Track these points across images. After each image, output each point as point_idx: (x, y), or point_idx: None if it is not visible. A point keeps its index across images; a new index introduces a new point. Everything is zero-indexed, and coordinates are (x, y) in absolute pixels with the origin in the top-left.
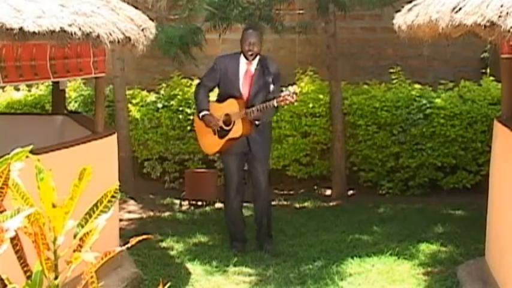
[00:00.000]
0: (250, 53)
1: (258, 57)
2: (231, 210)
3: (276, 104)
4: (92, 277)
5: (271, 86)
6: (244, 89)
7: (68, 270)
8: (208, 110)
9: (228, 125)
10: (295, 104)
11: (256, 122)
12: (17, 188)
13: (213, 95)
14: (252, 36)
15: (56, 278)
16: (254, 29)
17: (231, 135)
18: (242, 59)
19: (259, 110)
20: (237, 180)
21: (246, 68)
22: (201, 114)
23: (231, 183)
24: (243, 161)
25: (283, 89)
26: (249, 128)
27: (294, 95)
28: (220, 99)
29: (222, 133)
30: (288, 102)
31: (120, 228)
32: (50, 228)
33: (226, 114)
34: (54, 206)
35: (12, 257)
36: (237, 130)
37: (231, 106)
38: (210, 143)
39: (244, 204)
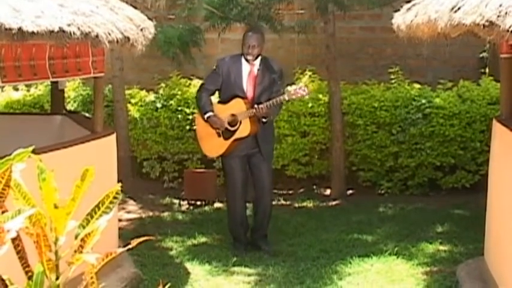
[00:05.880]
0: (249, 56)
1: (259, 58)
2: (235, 213)
3: (287, 98)
4: (92, 278)
5: (276, 85)
6: (248, 89)
7: (69, 271)
8: (213, 112)
9: (233, 126)
10: (307, 96)
11: (264, 120)
12: (19, 188)
13: (214, 98)
14: (252, 39)
15: (57, 278)
16: (254, 31)
17: (237, 135)
18: (244, 60)
19: (268, 107)
20: (242, 183)
21: (249, 69)
22: (206, 116)
23: (235, 186)
24: (246, 163)
25: (289, 87)
26: (256, 126)
27: (305, 88)
28: (224, 101)
29: (227, 134)
30: (299, 95)
31: (120, 228)
32: (52, 229)
33: (232, 115)
34: (56, 206)
35: (12, 258)
36: (244, 129)
37: (237, 106)
38: (215, 146)
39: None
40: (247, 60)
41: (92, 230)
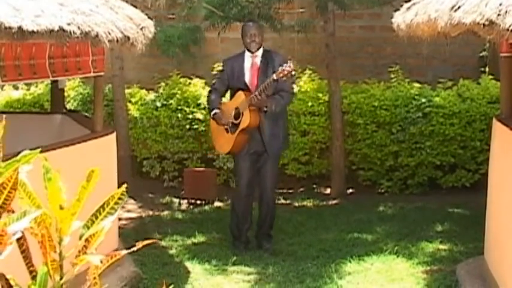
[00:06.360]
0: (252, 44)
1: (261, 50)
2: (237, 211)
3: (275, 78)
4: (94, 278)
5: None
6: (251, 82)
7: (73, 272)
8: (218, 109)
9: (237, 119)
10: (294, 72)
11: (265, 109)
12: (24, 187)
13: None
14: (252, 28)
15: (60, 278)
16: (253, 22)
17: (240, 127)
18: (247, 54)
19: (261, 91)
20: (247, 182)
21: (252, 61)
22: (212, 114)
23: (240, 185)
24: (255, 162)
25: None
26: (257, 117)
27: (291, 64)
28: (231, 98)
29: (233, 128)
30: (286, 72)
31: (119, 227)
32: (56, 229)
33: (236, 108)
34: (61, 207)
35: (16, 257)
36: (245, 120)
37: (239, 98)
38: (224, 142)
39: None
40: (250, 51)
41: (96, 230)
